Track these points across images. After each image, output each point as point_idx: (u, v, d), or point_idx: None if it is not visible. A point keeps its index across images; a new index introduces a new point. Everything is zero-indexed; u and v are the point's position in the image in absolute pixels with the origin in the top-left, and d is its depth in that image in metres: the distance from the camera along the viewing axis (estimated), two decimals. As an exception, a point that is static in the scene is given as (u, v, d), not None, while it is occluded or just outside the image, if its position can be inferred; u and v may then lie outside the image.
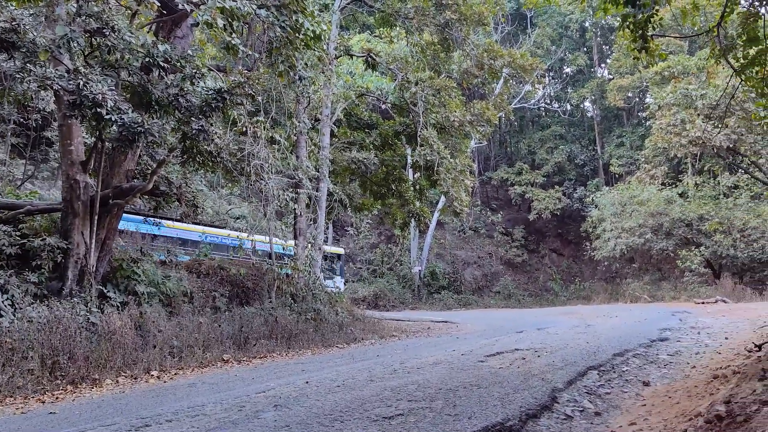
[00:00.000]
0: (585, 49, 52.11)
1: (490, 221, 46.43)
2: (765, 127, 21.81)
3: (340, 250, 32.35)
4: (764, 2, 9.21)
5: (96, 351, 9.42)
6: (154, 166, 12.34)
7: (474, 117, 23.00)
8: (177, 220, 21.57)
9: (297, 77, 15.06)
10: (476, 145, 42.21)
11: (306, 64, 15.59)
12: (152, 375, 9.50)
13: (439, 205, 37.31)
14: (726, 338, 12.71)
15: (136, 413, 6.43)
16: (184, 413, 6.20)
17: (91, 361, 9.24)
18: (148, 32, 11.86)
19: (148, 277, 12.04)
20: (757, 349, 8.69)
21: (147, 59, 9.90)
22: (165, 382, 9.06)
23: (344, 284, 31.72)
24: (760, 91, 9.57)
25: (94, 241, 11.06)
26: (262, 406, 6.35)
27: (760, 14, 9.35)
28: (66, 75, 9.09)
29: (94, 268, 11.05)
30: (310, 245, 18.69)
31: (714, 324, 16.13)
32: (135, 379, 9.23)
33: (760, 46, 9.26)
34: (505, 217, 47.33)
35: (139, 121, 9.50)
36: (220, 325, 12.54)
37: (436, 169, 21.26)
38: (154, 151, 12.67)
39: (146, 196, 13.62)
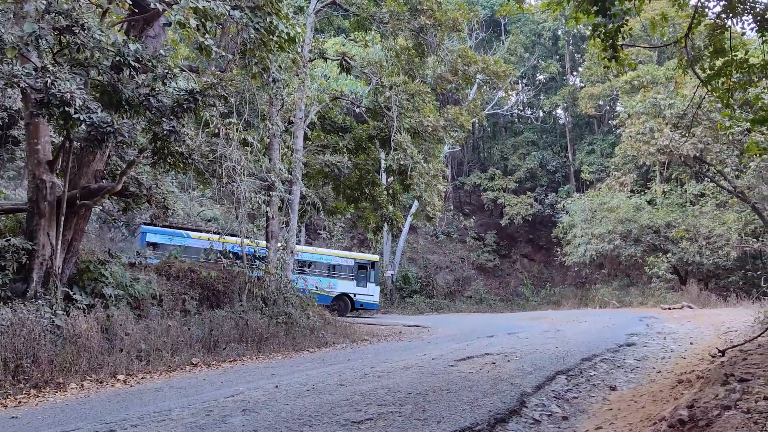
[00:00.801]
0: (557, 57, 52.78)
1: (463, 226, 46.69)
2: (730, 137, 22.31)
3: (375, 257, 31.02)
4: (730, 15, 9.42)
5: (61, 354, 9.24)
6: (124, 166, 12.16)
7: (447, 122, 23.10)
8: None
9: (271, 79, 14.98)
10: (449, 151, 42.44)
11: (280, 66, 15.52)
12: (118, 379, 9.35)
13: (412, 210, 37.40)
14: (691, 343, 12.95)
15: (100, 418, 6.32)
16: (150, 418, 6.10)
17: (56, 364, 9.05)
18: (119, 31, 11.70)
19: (115, 279, 11.85)
20: (720, 354, 8.87)
21: (117, 58, 9.75)
22: (131, 386, 8.92)
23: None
24: (725, 101, 9.79)
25: (60, 242, 10.85)
26: (231, 411, 6.29)
27: (727, 26, 9.57)
28: (33, 73, 8.91)
29: (60, 270, 10.84)
30: (282, 248, 18.58)
31: (680, 329, 16.42)
32: (100, 383, 9.07)
33: (726, 58, 9.49)
34: (478, 222, 47.63)
35: (109, 120, 9.34)
36: (189, 329, 12.39)
37: (409, 173, 21.31)
38: (124, 151, 12.50)
39: (115, 197, 13.42)
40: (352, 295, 28.20)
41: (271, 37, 12.41)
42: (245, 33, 12.14)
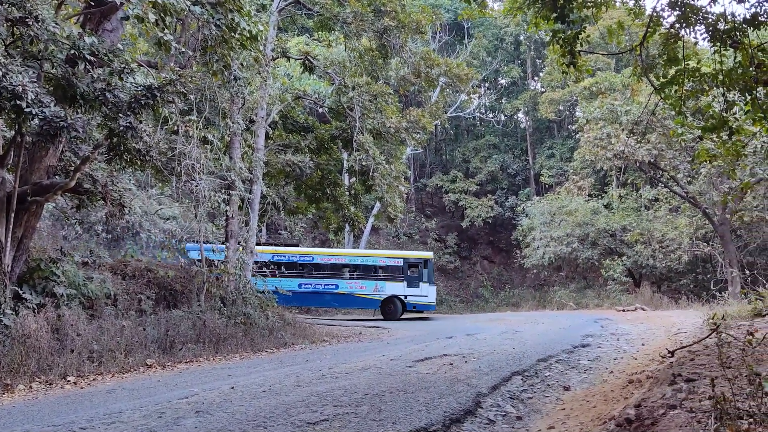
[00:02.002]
0: (519, 61, 53.49)
1: (424, 228, 46.91)
2: (682, 144, 22.94)
3: (428, 254, 28.60)
4: (684, 25, 9.68)
5: (8, 355, 8.98)
6: (78, 162, 11.86)
7: (410, 124, 23.20)
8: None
9: (232, 77, 14.84)
10: (412, 152, 42.60)
11: (242, 64, 15.37)
12: (69, 381, 9.12)
13: (374, 211, 37.44)
14: (643, 344, 13.27)
15: (48, 420, 6.15)
16: (99, 420, 5.97)
17: (3, 365, 8.80)
18: (75, 24, 11.43)
19: (68, 278, 11.56)
20: (670, 355, 9.11)
21: (72, 51, 9.52)
22: (82, 388, 8.71)
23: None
24: (677, 109, 10.06)
25: (10, 239, 10.53)
26: (184, 413, 6.19)
27: (680, 36, 9.84)
28: (-17, 64, 8.63)
29: (10, 268, 10.52)
30: (241, 248, 18.39)
31: (632, 331, 16.80)
32: (50, 384, 8.83)
33: (679, 67, 9.76)
34: (439, 223, 47.92)
35: (62, 115, 9.13)
36: (144, 329, 12.17)
37: (371, 174, 21.32)
38: (78, 147, 12.19)
39: (69, 194, 13.08)
40: (402, 297, 26.75)
41: (232, 34, 12.28)
42: (206, 29, 11.98)
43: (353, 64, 22.60)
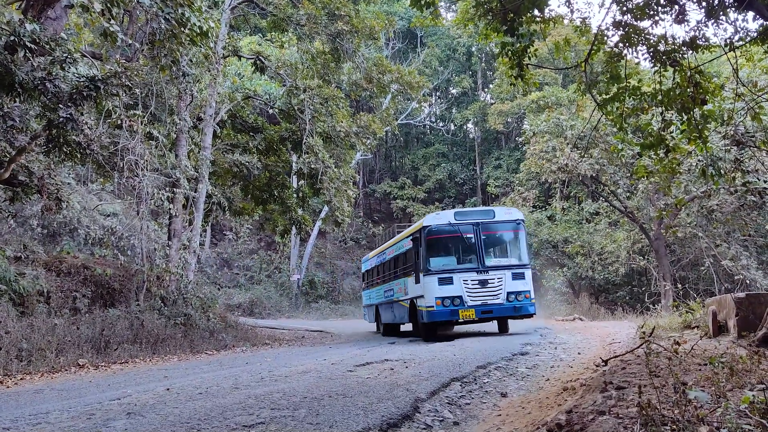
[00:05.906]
0: (470, 72, 54.33)
1: (372, 233, 47.01)
2: (622, 160, 23.70)
3: (420, 223, 16.89)
4: (627, 44, 10.03)
5: (-71, 352, 8.55)
6: (13, 153, 11.42)
7: (360, 129, 23.23)
8: None
9: (180, 73, 14.56)
10: (362, 158, 42.69)
11: (191, 60, 15.12)
12: (-6, 380, 8.75)
13: (322, 214, 37.33)
14: (579, 353, 13.58)
15: (-31, 421, 5.88)
16: (24, 421, 5.73)
17: None
18: (16, 10, 11.02)
19: (-3, 273, 11.12)
20: (603, 364, 9.36)
21: (12, 38, 9.18)
22: (8, 387, 8.36)
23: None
24: (618, 125, 10.41)
25: (-65, 230, 10.05)
26: (114, 414, 6.01)
27: (623, 55, 10.19)
28: None
29: (-66, 261, 10.04)
30: (184, 247, 18.03)
31: (570, 340, 17.18)
32: (-27, 383, 8.46)
33: (621, 85, 10.11)
34: (386, 229, 48.07)
35: (-2, 103, 8.78)
36: (78, 328, 11.79)
37: (319, 177, 21.24)
38: (14, 137, 11.74)
39: (2, 186, 12.57)
40: (416, 300, 16.35)
41: (182, 29, 12.05)
42: (155, 23, 11.73)
43: (305, 67, 22.50)
